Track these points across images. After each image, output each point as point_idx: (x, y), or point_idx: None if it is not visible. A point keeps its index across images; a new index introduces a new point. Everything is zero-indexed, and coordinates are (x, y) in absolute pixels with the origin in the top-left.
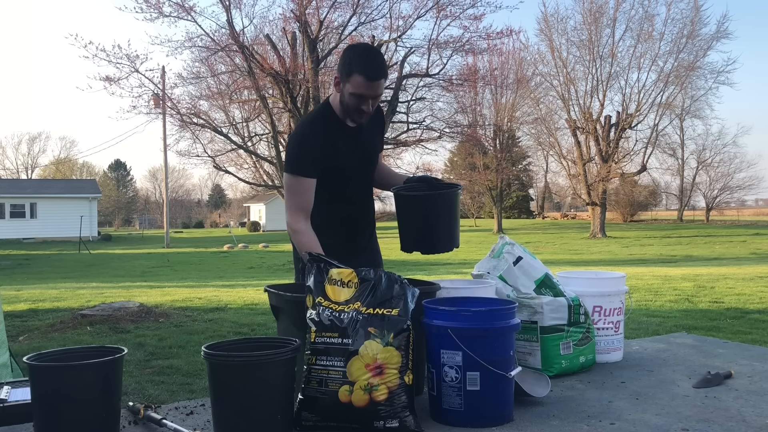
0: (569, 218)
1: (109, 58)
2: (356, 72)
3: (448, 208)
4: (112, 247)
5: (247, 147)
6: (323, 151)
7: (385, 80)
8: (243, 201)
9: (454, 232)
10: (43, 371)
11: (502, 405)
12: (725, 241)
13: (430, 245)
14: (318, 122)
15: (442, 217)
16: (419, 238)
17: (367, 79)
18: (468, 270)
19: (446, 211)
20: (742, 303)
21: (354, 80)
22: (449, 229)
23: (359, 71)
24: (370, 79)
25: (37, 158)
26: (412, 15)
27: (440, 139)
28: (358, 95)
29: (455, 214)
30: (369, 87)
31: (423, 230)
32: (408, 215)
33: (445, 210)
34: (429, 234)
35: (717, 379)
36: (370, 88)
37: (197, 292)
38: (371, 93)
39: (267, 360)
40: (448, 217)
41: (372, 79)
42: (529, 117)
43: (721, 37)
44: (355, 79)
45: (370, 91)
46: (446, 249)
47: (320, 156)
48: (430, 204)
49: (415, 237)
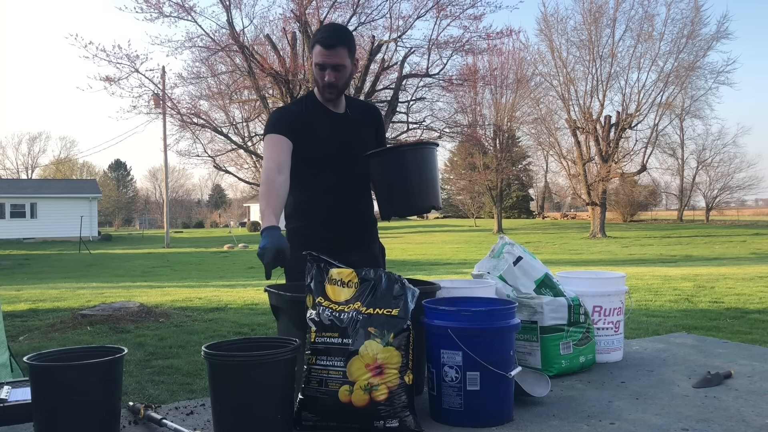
0: (569, 218)
1: (109, 58)
2: (316, 43)
3: (417, 162)
4: (112, 247)
5: (247, 147)
6: (298, 122)
7: (347, 49)
8: (243, 201)
9: (429, 189)
10: (43, 371)
11: (502, 405)
12: (725, 241)
13: (404, 202)
14: (299, 103)
15: (410, 171)
16: (392, 197)
17: (324, 47)
18: (468, 270)
19: (416, 165)
20: (742, 303)
21: (315, 51)
22: (419, 184)
23: (317, 41)
24: (326, 46)
25: (37, 158)
26: (412, 15)
27: (440, 139)
28: (319, 65)
29: (429, 170)
30: (326, 55)
31: (394, 187)
32: (379, 175)
33: (415, 165)
34: (401, 190)
35: (717, 379)
36: (328, 56)
37: (197, 292)
38: (330, 61)
39: (267, 360)
40: (417, 171)
41: (328, 47)
42: (529, 117)
43: (721, 37)
44: (315, 50)
45: (328, 59)
46: (421, 206)
47: (294, 125)
48: (396, 157)
49: (388, 197)
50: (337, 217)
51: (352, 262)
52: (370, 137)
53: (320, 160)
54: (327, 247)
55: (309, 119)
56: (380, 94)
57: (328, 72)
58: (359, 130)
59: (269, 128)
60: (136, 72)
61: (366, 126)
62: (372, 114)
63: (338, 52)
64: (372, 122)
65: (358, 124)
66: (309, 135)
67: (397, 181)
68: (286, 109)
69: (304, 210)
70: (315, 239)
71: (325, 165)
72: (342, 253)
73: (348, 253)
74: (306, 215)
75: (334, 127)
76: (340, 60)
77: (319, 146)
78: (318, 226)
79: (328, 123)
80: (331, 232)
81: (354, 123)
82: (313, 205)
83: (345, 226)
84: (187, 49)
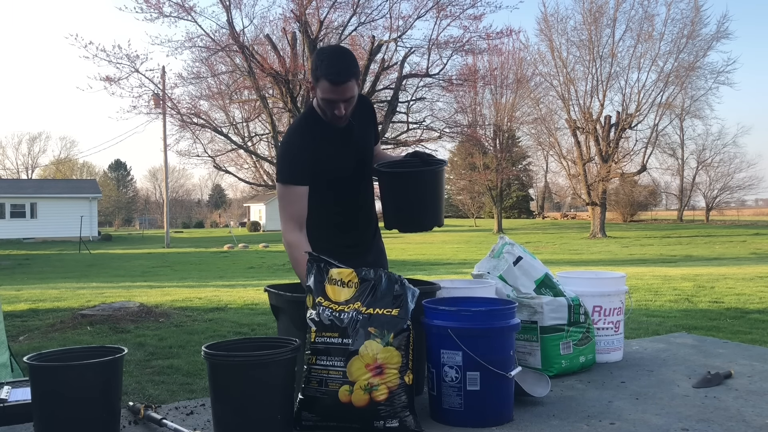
0: (569, 218)
1: (109, 58)
2: (322, 77)
3: (427, 185)
4: (112, 247)
5: (247, 147)
6: (313, 156)
7: (355, 79)
8: (243, 201)
9: (435, 209)
10: (43, 371)
11: (502, 405)
12: (725, 241)
13: (411, 221)
14: (304, 128)
15: (418, 193)
16: (399, 214)
17: (332, 84)
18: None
19: (425, 188)
20: (742, 303)
21: (321, 86)
22: (425, 206)
23: (324, 76)
24: (335, 83)
25: (37, 158)
26: (412, 15)
27: (440, 139)
28: (328, 100)
29: (436, 191)
30: (336, 91)
31: (404, 207)
32: (389, 192)
33: (424, 187)
34: (411, 210)
35: (717, 379)
36: (337, 92)
37: (197, 292)
38: (339, 97)
39: (267, 360)
40: (425, 193)
41: (337, 84)
42: (529, 117)
43: (721, 37)
44: (322, 85)
45: (337, 95)
46: (425, 225)
47: (310, 162)
48: (408, 181)
49: (395, 213)
50: (357, 224)
51: (369, 261)
52: (371, 135)
53: (337, 175)
54: (349, 252)
55: (321, 147)
56: (380, 94)
57: (338, 106)
58: (364, 134)
59: (284, 176)
60: (136, 72)
61: (367, 126)
62: (367, 110)
63: (348, 87)
64: (369, 119)
65: (361, 127)
66: (325, 163)
67: (404, 202)
68: (296, 146)
69: (327, 220)
70: (340, 245)
71: (344, 181)
72: (362, 255)
73: (366, 254)
74: (329, 225)
75: (346, 144)
76: (350, 93)
77: (338, 171)
78: (341, 234)
79: (340, 143)
80: (353, 238)
81: (358, 129)
82: (335, 216)
83: (365, 231)
84: (187, 49)
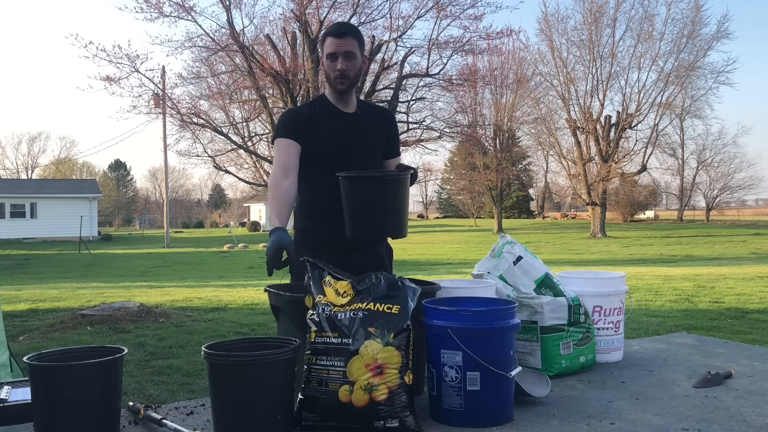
0: (569, 218)
1: (109, 58)
2: (327, 36)
3: (381, 194)
4: (112, 247)
5: (247, 147)
6: (306, 122)
7: (356, 40)
8: (243, 201)
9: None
10: (43, 371)
11: (502, 405)
12: (725, 241)
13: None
14: (309, 104)
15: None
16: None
17: (335, 36)
18: (468, 270)
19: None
20: (742, 303)
21: (326, 44)
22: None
23: (327, 33)
24: (337, 36)
25: (37, 158)
26: (412, 15)
27: (440, 139)
28: (331, 54)
29: (394, 200)
30: (338, 44)
31: (353, 213)
32: (350, 198)
33: (378, 196)
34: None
35: (717, 379)
36: (339, 44)
37: (197, 292)
38: (341, 49)
39: (267, 360)
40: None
41: (339, 36)
42: (529, 117)
43: (721, 37)
44: (326, 43)
45: (339, 47)
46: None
47: (302, 125)
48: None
49: (350, 219)
50: (339, 217)
51: (355, 264)
52: (380, 140)
53: (324, 157)
54: (332, 247)
55: (316, 118)
56: (380, 94)
57: (339, 60)
58: (367, 131)
59: (278, 132)
60: (136, 72)
61: (376, 128)
62: (384, 117)
63: (349, 41)
64: (383, 125)
65: (367, 125)
66: (314, 133)
67: (355, 208)
68: (294, 111)
69: (310, 209)
70: (320, 239)
71: (329, 163)
72: (348, 254)
73: (353, 254)
74: (311, 214)
75: (341, 125)
76: (350, 48)
77: (323, 143)
78: (322, 225)
79: (335, 121)
80: (334, 231)
81: (363, 123)
82: (317, 203)
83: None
84: (187, 49)
